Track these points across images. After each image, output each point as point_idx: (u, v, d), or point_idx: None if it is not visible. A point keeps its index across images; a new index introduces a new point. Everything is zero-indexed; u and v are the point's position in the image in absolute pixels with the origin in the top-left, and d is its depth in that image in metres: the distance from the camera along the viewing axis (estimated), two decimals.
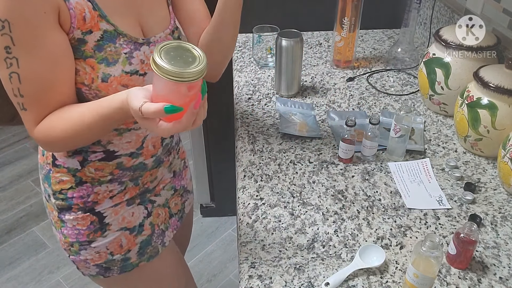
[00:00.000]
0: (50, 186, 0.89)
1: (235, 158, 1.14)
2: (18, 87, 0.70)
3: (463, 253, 0.81)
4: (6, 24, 0.65)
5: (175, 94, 0.63)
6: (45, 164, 0.89)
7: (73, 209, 0.90)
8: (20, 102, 0.72)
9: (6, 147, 2.79)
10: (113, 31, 0.75)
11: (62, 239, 0.93)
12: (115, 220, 0.93)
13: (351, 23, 1.39)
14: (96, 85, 0.75)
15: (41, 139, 0.76)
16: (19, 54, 0.68)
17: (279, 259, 0.85)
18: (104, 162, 0.87)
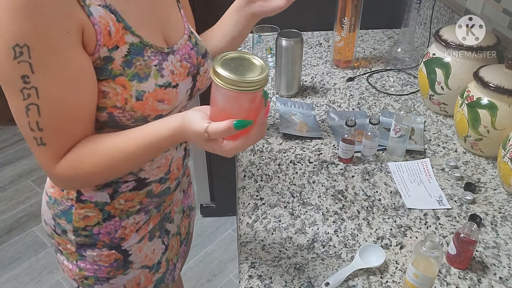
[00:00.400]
0: (70, 223, 0.81)
1: (235, 158, 1.14)
2: (37, 120, 0.62)
3: (463, 253, 0.81)
4: (25, 50, 0.57)
5: (239, 106, 0.58)
6: (65, 200, 0.80)
7: (97, 246, 0.83)
8: (37, 137, 0.63)
9: (6, 147, 2.79)
10: (139, 43, 0.68)
11: (74, 271, 0.86)
12: (138, 257, 0.87)
13: (351, 23, 1.39)
14: (131, 105, 0.68)
15: (64, 176, 0.67)
16: (38, 83, 0.60)
17: (279, 259, 0.85)
18: (134, 191, 0.80)
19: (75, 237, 0.82)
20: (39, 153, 0.66)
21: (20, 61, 0.58)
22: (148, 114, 0.70)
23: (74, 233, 0.82)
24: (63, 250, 0.86)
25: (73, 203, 0.80)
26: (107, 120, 0.70)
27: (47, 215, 0.85)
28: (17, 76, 0.59)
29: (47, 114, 0.62)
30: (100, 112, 0.68)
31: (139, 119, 0.70)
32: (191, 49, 0.79)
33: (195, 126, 0.60)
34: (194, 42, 0.81)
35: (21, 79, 0.59)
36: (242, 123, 0.57)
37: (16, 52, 0.57)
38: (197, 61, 0.79)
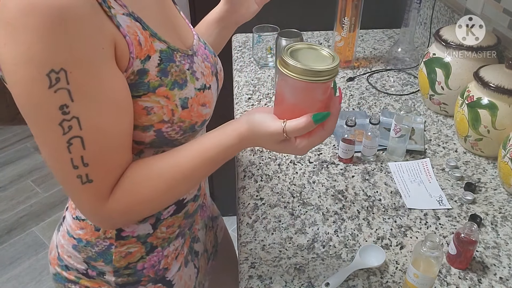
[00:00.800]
0: (109, 264, 0.74)
1: (235, 158, 1.14)
2: (82, 154, 0.55)
3: (463, 253, 0.81)
4: (62, 75, 0.50)
5: (310, 98, 0.55)
6: (101, 240, 0.73)
7: (141, 283, 0.77)
8: (83, 174, 0.56)
9: (6, 147, 2.80)
10: (167, 49, 0.62)
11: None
12: (180, 286, 0.83)
13: (351, 23, 1.39)
14: (179, 116, 0.63)
15: (118, 212, 0.61)
16: (79, 111, 0.53)
17: (279, 259, 0.85)
18: (175, 215, 0.77)
19: (116, 278, 0.76)
20: (84, 192, 0.58)
21: (57, 89, 0.51)
22: (195, 121, 0.65)
23: (114, 274, 0.75)
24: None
25: (112, 241, 0.73)
26: (154, 139, 0.64)
27: (73, 260, 0.77)
28: (54, 108, 0.52)
29: (92, 146, 0.55)
30: (146, 131, 0.62)
31: (188, 130, 0.66)
32: (204, 48, 0.75)
33: (269, 127, 0.56)
34: (203, 42, 0.78)
35: (60, 110, 0.52)
36: (320, 116, 0.54)
37: (51, 80, 0.50)
38: (213, 60, 0.76)
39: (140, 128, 0.62)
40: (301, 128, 0.54)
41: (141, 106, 0.60)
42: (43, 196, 2.44)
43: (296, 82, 0.53)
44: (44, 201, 2.41)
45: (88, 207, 0.60)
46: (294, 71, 0.53)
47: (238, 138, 0.59)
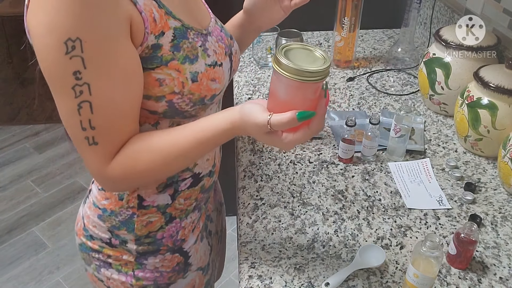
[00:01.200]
0: (132, 232, 0.79)
1: (235, 158, 1.14)
2: (90, 118, 0.60)
3: (463, 253, 0.81)
4: (78, 44, 0.56)
5: (300, 97, 0.58)
6: (124, 209, 0.78)
7: (160, 251, 0.82)
8: (89, 136, 0.62)
9: (6, 147, 2.80)
10: (181, 27, 0.67)
11: (129, 282, 0.83)
12: (195, 259, 0.88)
13: (351, 23, 1.39)
14: (188, 88, 0.67)
15: (117, 176, 0.66)
16: (91, 78, 0.58)
17: (279, 259, 0.85)
18: (192, 188, 0.81)
19: (137, 246, 0.80)
20: (90, 153, 0.63)
21: (72, 56, 0.56)
22: (205, 95, 0.70)
23: (136, 242, 0.80)
24: (113, 262, 0.83)
25: (135, 211, 0.78)
26: (167, 109, 0.69)
27: (98, 229, 0.82)
28: (68, 73, 0.57)
29: (99, 111, 0.60)
30: (159, 101, 0.67)
31: (197, 102, 0.70)
32: (220, 31, 0.79)
33: (256, 119, 0.60)
34: (220, 26, 0.81)
35: (73, 76, 0.57)
36: (305, 114, 0.57)
37: (68, 47, 0.56)
38: (228, 42, 0.79)
39: (153, 98, 0.67)
40: (284, 123, 0.58)
41: (154, 77, 0.65)
42: (43, 196, 2.44)
43: (287, 80, 0.56)
44: (44, 201, 2.41)
45: (93, 166, 0.65)
46: (286, 70, 0.56)
47: (231, 124, 0.63)
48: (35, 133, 2.91)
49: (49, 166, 2.64)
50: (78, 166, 2.63)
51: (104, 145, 0.63)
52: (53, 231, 2.24)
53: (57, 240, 2.19)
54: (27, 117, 3.05)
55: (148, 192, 0.77)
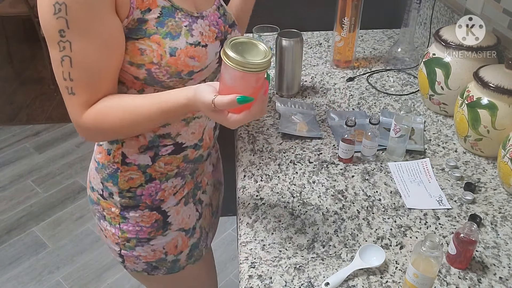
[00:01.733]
0: (116, 185, 0.89)
1: (235, 158, 1.14)
2: (69, 71, 0.70)
3: (463, 253, 0.81)
4: (63, 7, 0.65)
5: (244, 85, 0.67)
6: (111, 164, 0.88)
7: (140, 207, 0.91)
8: (69, 86, 0.72)
9: (6, 147, 2.80)
10: (170, 7, 0.75)
11: (117, 234, 0.93)
12: (176, 220, 0.95)
13: (351, 23, 1.39)
14: (166, 61, 0.75)
15: (89, 125, 0.75)
16: (72, 38, 0.68)
17: (279, 259, 0.85)
18: (173, 155, 0.88)
19: (120, 199, 0.90)
20: (69, 102, 0.73)
21: (58, 17, 0.66)
22: (181, 69, 0.76)
23: (119, 194, 0.89)
24: (106, 215, 0.93)
25: (119, 166, 0.87)
26: (146, 77, 0.77)
27: (95, 181, 0.92)
28: (55, 30, 0.67)
29: (78, 66, 0.70)
30: (139, 68, 0.76)
31: (174, 75, 0.77)
32: (218, 17, 0.85)
33: (204, 97, 0.68)
34: (222, 13, 0.87)
35: (58, 33, 0.67)
36: (244, 98, 0.66)
37: (55, 9, 0.66)
38: (224, 28, 0.85)
39: (135, 65, 0.76)
40: (225, 104, 0.66)
41: (137, 47, 0.74)
42: (43, 196, 2.44)
43: (233, 70, 0.65)
44: (44, 201, 2.41)
45: (72, 114, 0.75)
46: (232, 61, 0.65)
47: (187, 100, 0.71)
48: (35, 133, 2.91)
49: (49, 166, 2.64)
50: (78, 166, 2.63)
51: (80, 96, 0.72)
52: (53, 231, 2.24)
53: (57, 240, 2.19)
54: (27, 117, 3.05)
55: (130, 151, 0.86)
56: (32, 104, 3.16)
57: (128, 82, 0.79)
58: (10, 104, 3.17)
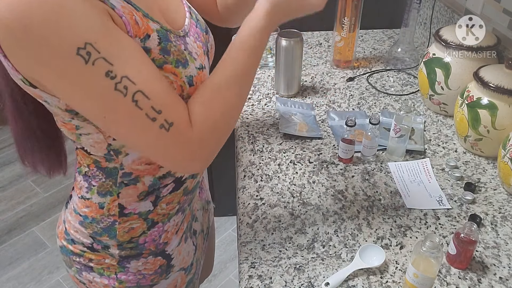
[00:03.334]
0: (113, 238, 0.79)
1: (235, 158, 1.14)
2: (151, 105, 0.58)
3: (463, 253, 0.81)
4: (90, 48, 0.54)
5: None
6: (105, 217, 0.78)
7: (143, 255, 0.82)
8: (163, 121, 0.60)
9: (6, 147, 2.80)
10: (161, 29, 0.65)
11: (112, 284, 0.83)
12: (178, 260, 0.88)
13: (351, 23, 1.39)
14: (187, 92, 0.66)
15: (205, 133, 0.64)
16: (124, 70, 0.56)
17: (279, 259, 0.85)
18: (174, 192, 0.80)
19: (120, 251, 0.80)
20: (172, 139, 0.61)
21: (94, 61, 0.54)
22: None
23: (118, 247, 0.80)
24: (95, 266, 0.82)
25: (116, 218, 0.77)
26: None
27: (80, 235, 0.81)
28: (102, 77, 0.55)
29: (153, 93, 0.59)
30: None
31: None
32: (196, 26, 0.77)
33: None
34: (195, 19, 0.78)
35: (107, 77, 0.55)
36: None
37: (84, 56, 0.54)
38: (204, 38, 0.78)
39: None
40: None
41: None
42: (43, 196, 2.44)
43: None
44: (44, 201, 2.41)
45: (181, 151, 0.63)
46: None
47: (265, 15, 0.64)
48: None
49: None
50: None
51: (178, 119, 0.61)
52: (53, 231, 2.24)
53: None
54: None
55: (128, 200, 0.76)
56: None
57: None
58: None
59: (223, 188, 2.14)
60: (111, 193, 0.75)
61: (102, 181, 0.75)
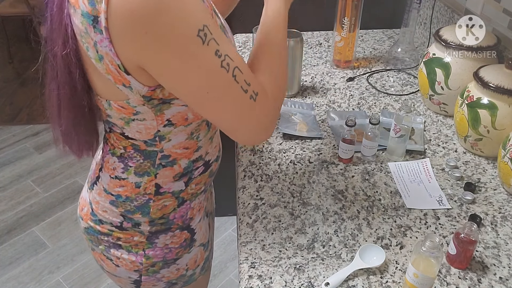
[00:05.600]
0: (147, 216, 0.84)
1: (235, 158, 1.14)
2: (244, 78, 0.67)
3: (463, 253, 0.81)
4: (206, 29, 0.61)
5: None
6: (141, 196, 0.83)
7: (171, 229, 0.88)
8: (252, 93, 0.69)
9: (6, 147, 2.80)
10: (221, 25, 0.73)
11: (139, 261, 0.88)
12: (199, 235, 0.93)
13: (351, 23, 1.39)
14: None
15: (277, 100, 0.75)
16: (225, 49, 0.65)
17: (279, 259, 0.85)
18: (202, 174, 0.87)
19: (150, 227, 0.86)
20: (258, 107, 0.70)
21: (209, 41, 0.62)
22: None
23: (150, 223, 0.85)
24: (123, 244, 0.87)
25: (151, 197, 0.83)
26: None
27: (109, 214, 0.85)
28: (212, 56, 0.63)
29: (244, 68, 0.67)
30: None
31: None
32: None
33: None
34: None
35: (216, 55, 0.63)
36: None
37: (202, 37, 0.61)
38: None
39: None
40: None
41: None
42: (43, 196, 2.44)
43: None
44: (44, 201, 2.41)
45: (265, 118, 0.72)
46: None
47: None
48: (35, 133, 2.91)
49: (49, 166, 2.65)
50: (78, 166, 2.63)
51: (260, 88, 0.70)
52: (53, 231, 2.24)
53: (57, 240, 2.19)
54: (27, 117, 3.05)
55: (165, 181, 0.82)
56: (32, 104, 3.16)
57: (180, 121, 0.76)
58: (10, 104, 3.17)
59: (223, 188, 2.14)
60: (149, 174, 0.81)
61: (140, 162, 0.80)
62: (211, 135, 0.86)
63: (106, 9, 0.58)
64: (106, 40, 0.61)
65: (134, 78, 0.66)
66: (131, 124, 0.75)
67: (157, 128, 0.75)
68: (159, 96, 0.70)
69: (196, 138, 0.82)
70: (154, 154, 0.79)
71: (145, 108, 0.71)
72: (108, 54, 0.63)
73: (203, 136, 0.83)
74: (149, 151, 0.79)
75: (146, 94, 0.69)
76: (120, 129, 0.78)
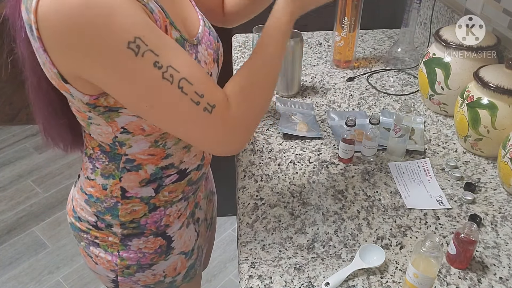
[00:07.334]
0: (116, 218, 0.83)
1: (235, 158, 1.14)
2: (194, 90, 0.63)
3: (463, 253, 0.81)
4: (139, 41, 0.59)
5: None
6: (108, 198, 0.82)
7: (144, 234, 0.86)
8: (205, 104, 0.65)
9: (6, 147, 2.80)
10: (180, 38, 0.70)
11: (114, 261, 0.88)
12: (179, 244, 0.91)
13: (351, 23, 1.39)
14: None
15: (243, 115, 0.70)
16: (168, 60, 0.61)
17: (279, 259, 0.85)
18: (177, 183, 0.84)
19: (122, 230, 0.85)
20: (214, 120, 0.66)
21: (143, 53, 0.59)
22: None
23: (121, 226, 0.84)
24: (100, 243, 0.87)
25: (118, 200, 0.82)
26: None
27: (85, 213, 0.86)
28: (150, 68, 0.60)
29: (195, 79, 0.64)
30: None
31: None
32: (209, 34, 0.81)
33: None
34: (208, 26, 0.83)
35: (155, 67, 0.60)
36: None
37: (134, 50, 0.59)
38: (215, 45, 0.82)
39: None
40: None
41: None
42: (43, 196, 2.44)
43: None
44: (44, 201, 2.41)
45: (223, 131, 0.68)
46: None
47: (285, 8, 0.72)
48: (35, 133, 2.91)
49: (49, 166, 2.65)
50: (78, 166, 2.62)
51: (219, 101, 0.66)
52: (53, 231, 2.24)
53: (57, 240, 2.19)
54: (27, 117, 3.05)
55: (130, 185, 0.80)
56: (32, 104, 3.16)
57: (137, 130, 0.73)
58: (10, 104, 3.17)
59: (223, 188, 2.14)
60: (114, 177, 0.80)
61: (105, 164, 0.79)
62: (185, 144, 0.82)
63: (35, 20, 0.57)
64: (40, 49, 0.60)
65: (73, 87, 0.65)
66: (91, 127, 0.74)
67: (114, 134, 0.73)
68: (103, 104, 0.68)
69: (162, 146, 0.78)
70: (118, 157, 0.78)
71: (93, 115, 0.70)
72: (46, 62, 0.62)
73: (172, 144, 0.79)
74: (114, 154, 0.78)
75: (90, 102, 0.67)
76: (87, 130, 0.77)
